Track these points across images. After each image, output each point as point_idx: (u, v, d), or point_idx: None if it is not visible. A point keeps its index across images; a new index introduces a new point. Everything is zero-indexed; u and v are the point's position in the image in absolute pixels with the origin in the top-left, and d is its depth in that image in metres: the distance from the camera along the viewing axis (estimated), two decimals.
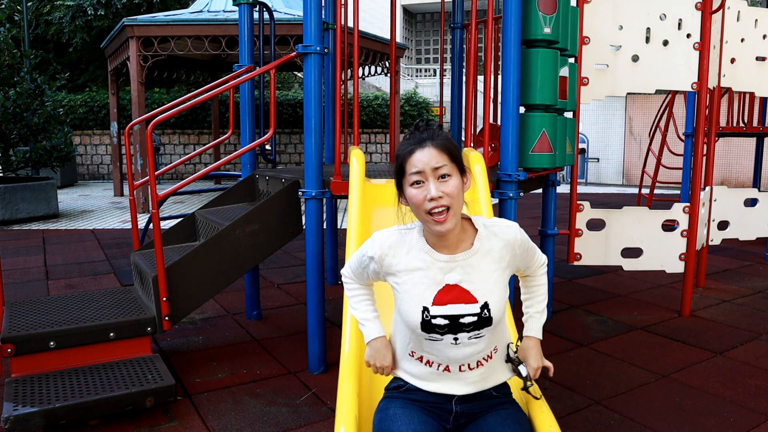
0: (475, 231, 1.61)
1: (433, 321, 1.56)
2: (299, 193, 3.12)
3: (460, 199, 1.53)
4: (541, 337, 1.74)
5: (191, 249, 3.04)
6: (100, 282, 4.83)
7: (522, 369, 1.69)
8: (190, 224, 3.73)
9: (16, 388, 2.49)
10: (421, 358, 1.63)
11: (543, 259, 1.76)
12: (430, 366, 1.62)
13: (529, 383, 1.68)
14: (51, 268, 5.33)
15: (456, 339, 1.57)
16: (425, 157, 1.49)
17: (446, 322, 1.55)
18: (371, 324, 1.72)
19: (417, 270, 1.57)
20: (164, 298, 2.90)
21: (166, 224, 5.02)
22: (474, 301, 1.56)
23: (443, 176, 1.50)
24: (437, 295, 1.56)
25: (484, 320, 1.57)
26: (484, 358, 1.62)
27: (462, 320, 1.56)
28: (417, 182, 1.50)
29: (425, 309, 1.56)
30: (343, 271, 1.80)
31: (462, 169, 1.55)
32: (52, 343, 2.69)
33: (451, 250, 1.59)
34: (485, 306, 1.56)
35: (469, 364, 1.60)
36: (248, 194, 3.84)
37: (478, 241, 1.59)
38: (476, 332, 1.57)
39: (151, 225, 3.09)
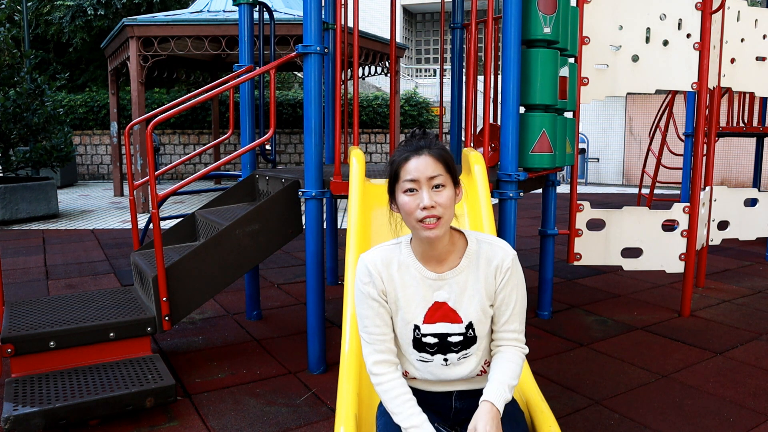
0: (466, 245, 1.59)
1: (424, 339, 1.56)
2: (299, 193, 3.12)
3: (452, 210, 1.51)
4: (500, 408, 1.48)
5: (191, 249, 3.04)
6: (100, 282, 4.83)
7: None
8: (190, 224, 3.73)
9: (16, 388, 2.49)
10: (414, 378, 1.64)
11: (520, 337, 1.60)
12: (425, 381, 1.64)
13: None
14: (51, 268, 5.33)
15: (446, 360, 1.58)
16: (421, 165, 1.48)
17: (436, 340, 1.56)
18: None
19: (408, 287, 1.57)
20: (164, 298, 2.90)
21: (166, 224, 5.03)
22: (459, 320, 1.56)
23: (437, 186, 1.48)
24: (427, 312, 1.56)
25: (470, 339, 1.58)
26: (478, 374, 1.63)
27: (450, 339, 1.56)
28: (411, 190, 1.49)
29: (416, 327, 1.57)
30: (368, 367, 1.59)
31: (456, 181, 1.53)
32: (52, 343, 2.69)
33: (440, 263, 1.57)
34: (470, 326, 1.57)
35: (462, 380, 1.62)
36: (248, 194, 3.84)
37: (466, 258, 1.58)
38: (464, 351, 1.58)
39: (151, 225, 3.09)
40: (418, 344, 1.57)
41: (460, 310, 1.56)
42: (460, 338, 1.56)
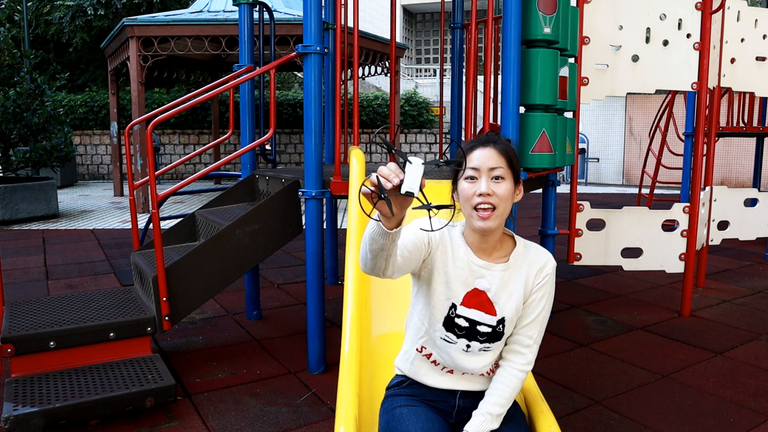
0: (513, 246, 1.63)
1: (456, 320, 1.58)
2: (299, 193, 3.12)
3: (508, 204, 1.54)
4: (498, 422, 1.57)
5: (191, 249, 3.04)
6: (100, 282, 4.83)
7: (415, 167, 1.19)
8: (190, 224, 3.73)
9: (16, 388, 2.49)
10: (429, 356, 1.64)
11: (533, 349, 1.62)
12: (436, 365, 1.65)
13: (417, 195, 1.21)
14: (51, 268, 5.33)
15: (468, 346, 1.59)
16: (484, 156, 1.53)
17: (466, 324, 1.58)
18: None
19: (455, 267, 1.59)
20: (164, 298, 2.90)
21: (166, 224, 5.03)
22: (494, 313, 1.58)
23: (497, 177, 1.52)
24: (466, 295, 1.59)
25: (497, 334, 1.59)
26: (487, 372, 1.64)
27: (479, 327, 1.58)
28: (471, 177, 1.53)
29: (453, 306, 1.58)
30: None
31: (516, 179, 1.57)
32: (52, 343, 2.69)
33: (487, 255, 1.61)
34: (502, 321, 1.59)
35: (472, 374, 1.63)
36: (248, 194, 3.84)
37: (514, 257, 1.61)
38: (487, 345, 1.59)
39: (151, 225, 3.09)
40: (449, 323, 1.59)
41: (498, 303, 1.59)
42: (489, 330, 1.58)
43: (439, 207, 1.28)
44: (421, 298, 1.63)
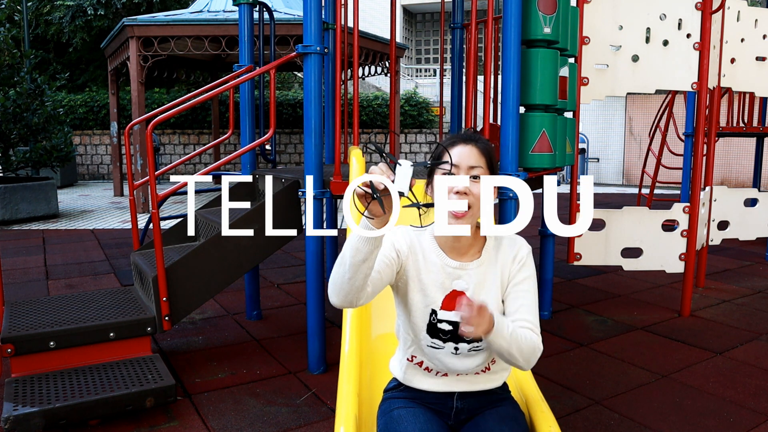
0: (485, 240, 1.62)
1: (439, 325, 1.57)
2: (299, 193, 3.12)
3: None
4: (495, 322, 1.40)
5: (191, 249, 3.04)
6: (100, 282, 4.83)
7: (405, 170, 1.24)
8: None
9: (16, 388, 2.49)
10: (420, 363, 1.64)
11: (535, 332, 1.53)
12: (429, 372, 1.64)
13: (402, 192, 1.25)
14: (51, 268, 5.33)
15: (456, 349, 1.58)
16: (465, 153, 1.52)
17: (450, 327, 1.57)
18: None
19: (430, 272, 1.58)
20: (164, 298, 2.90)
21: (166, 224, 5.02)
22: None
23: (475, 177, 1.50)
24: (445, 299, 1.57)
25: None
26: (482, 370, 1.64)
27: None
28: (449, 173, 1.51)
29: (433, 312, 1.57)
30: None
31: None
32: (52, 343, 2.69)
33: (461, 255, 1.59)
34: None
35: (467, 374, 1.62)
36: (248, 194, 3.84)
37: (486, 251, 1.60)
38: (475, 344, 1.58)
39: (151, 225, 3.09)
40: (433, 329, 1.58)
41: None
42: None
43: (427, 206, 1.31)
44: (402, 308, 1.63)
